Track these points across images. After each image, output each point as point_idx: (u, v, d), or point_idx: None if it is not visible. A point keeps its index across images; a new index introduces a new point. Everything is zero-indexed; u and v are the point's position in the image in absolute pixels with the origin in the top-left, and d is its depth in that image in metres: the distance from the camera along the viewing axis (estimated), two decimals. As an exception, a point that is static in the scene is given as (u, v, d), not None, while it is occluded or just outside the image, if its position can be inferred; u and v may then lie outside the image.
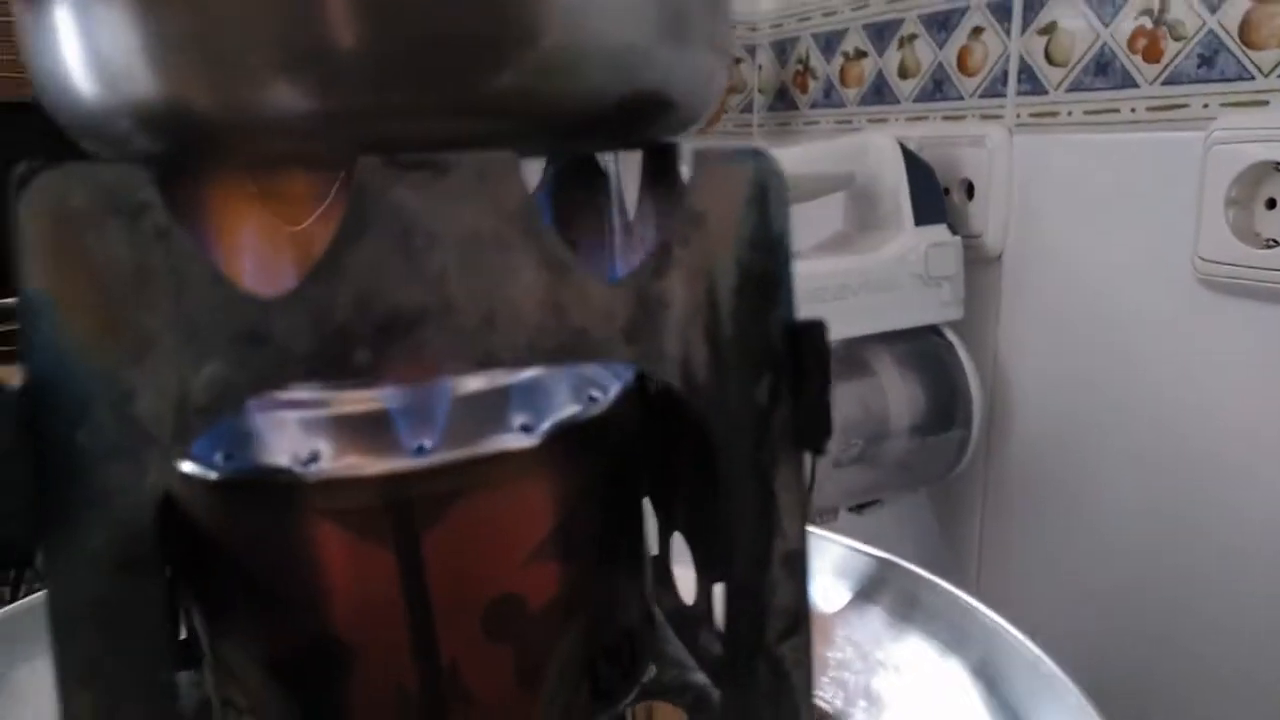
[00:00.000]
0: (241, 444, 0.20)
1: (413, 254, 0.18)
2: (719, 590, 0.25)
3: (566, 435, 0.21)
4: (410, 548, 0.20)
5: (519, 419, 0.21)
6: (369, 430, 0.20)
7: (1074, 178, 0.76)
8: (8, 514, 0.17)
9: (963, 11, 0.84)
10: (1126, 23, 0.72)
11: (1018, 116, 0.80)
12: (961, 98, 0.85)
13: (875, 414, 0.86)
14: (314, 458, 0.20)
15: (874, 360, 0.87)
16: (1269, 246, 0.65)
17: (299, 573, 0.20)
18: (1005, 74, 0.81)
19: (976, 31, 0.83)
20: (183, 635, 0.24)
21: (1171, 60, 0.69)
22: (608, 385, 0.23)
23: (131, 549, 0.17)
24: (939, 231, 0.84)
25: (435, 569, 0.20)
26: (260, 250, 0.20)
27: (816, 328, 0.20)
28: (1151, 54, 0.71)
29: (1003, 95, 0.82)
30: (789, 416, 0.20)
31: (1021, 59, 0.79)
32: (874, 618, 0.33)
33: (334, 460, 0.20)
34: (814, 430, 0.20)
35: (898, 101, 0.92)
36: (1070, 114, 0.76)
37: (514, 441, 0.21)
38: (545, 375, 0.22)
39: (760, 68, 1.09)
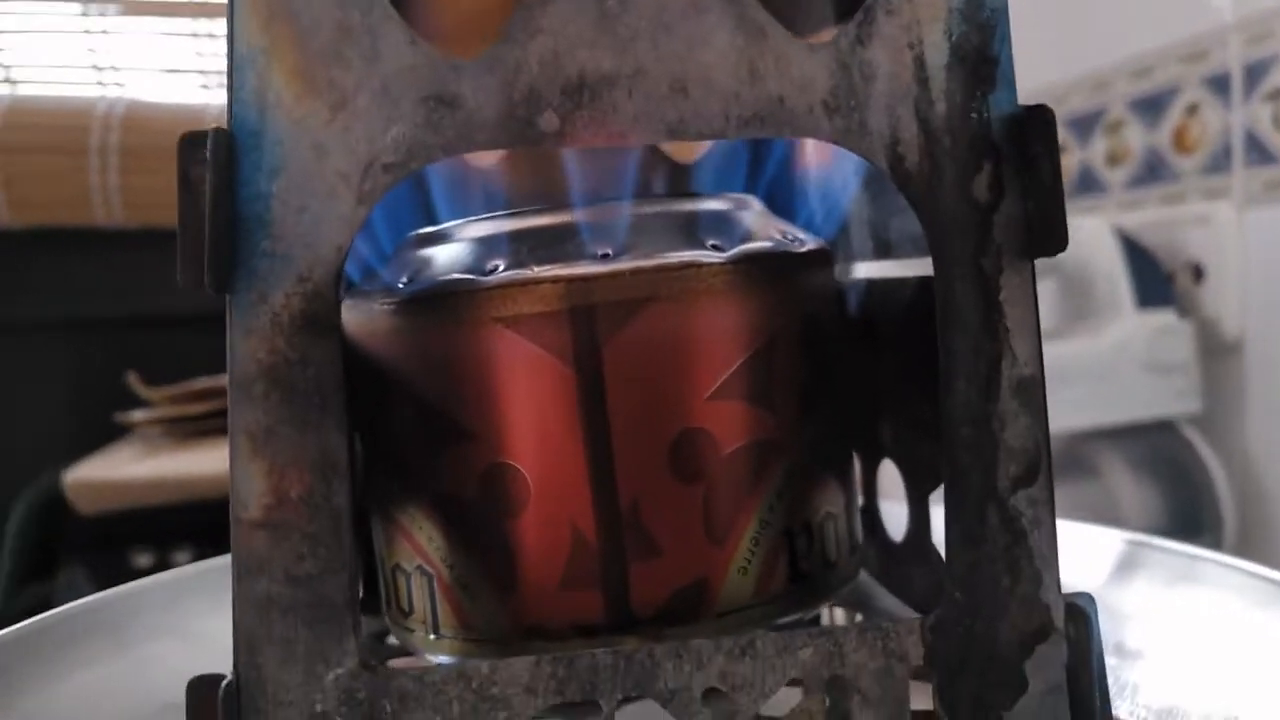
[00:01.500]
0: (423, 270, 0.20)
1: (605, 16, 0.17)
2: (936, 509, 0.22)
3: (760, 265, 0.20)
4: (592, 360, 0.19)
5: (710, 240, 0.20)
6: (551, 243, 0.19)
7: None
8: (217, 253, 0.16)
9: (1174, 92, 0.81)
10: (1369, 75, 0.66)
11: (1247, 191, 0.75)
12: (1179, 177, 0.81)
13: (1103, 521, 0.78)
14: (494, 269, 0.19)
15: (1100, 461, 0.80)
16: None
17: (476, 393, 0.19)
18: (1228, 148, 0.76)
19: (1192, 109, 0.79)
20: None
21: None
22: (804, 239, 0.21)
23: (313, 306, 0.17)
24: (1165, 316, 0.77)
25: (617, 388, 0.19)
26: (451, 14, 0.21)
27: (1043, 111, 0.18)
28: None
29: (1228, 170, 0.76)
30: (1015, 216, 0.18)
31: (1246, 130, 0.75)
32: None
33: (515, 270, 0.19)
34: (1046, 232, 0.18)
35: (1107, 190, 0.88)
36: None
37: (703, 257, 0.19)
38: (742, 210, 0.21)
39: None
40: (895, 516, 0.25)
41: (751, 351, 0.20)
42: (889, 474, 0.25)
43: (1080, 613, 0.18)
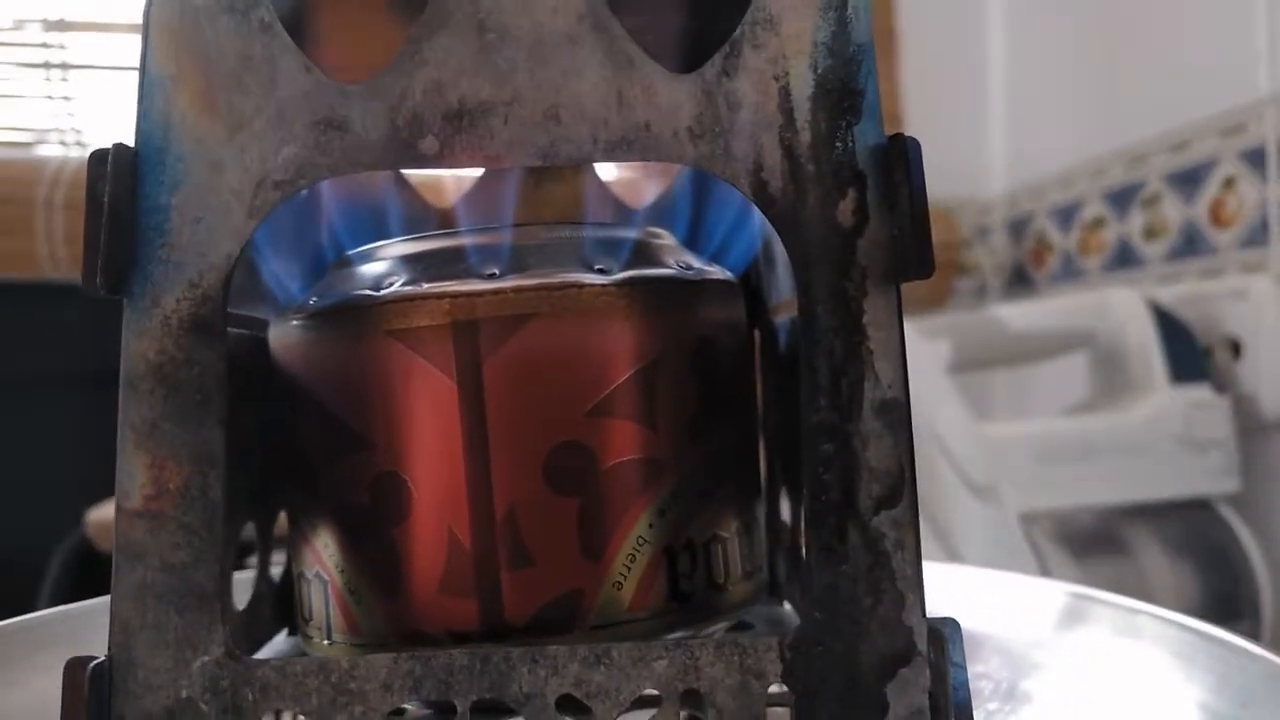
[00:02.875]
0: (331, 288, 0.21)
1: (485, 49, 0.19)
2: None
3: (644, 289, 0.21)
4: (473, 373, 0.20)
5: (597, 264, 0.21)
6: (444, 263, 0.20)
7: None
8: (113, 259, 0.18)
9: (1211, 165, 0.80)
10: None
11: (1286, 265, 0.73)
12: (1216, 251, 0.79)
13: (1138, 602, 0.75)
14: (389, 285, 0.20)
15: (1133, 539, 0.77)
16: None
17: (370, 403, 0.20)
18: (1265, 221, 0.75)
19: (1229, 183, 0.78)
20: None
21: None
22: (709, 271, 0.22)
23: (201, 311, 0.18)
24: (1200, 391, 0.75)
25: (496, 400, 0.20)
26: (344, 45, 0.22)
27: (904, 140, 0.18)
28: None
29: (1264, 244, 0.75)
30: (881, 242, 0.19)
31: (1283, 203, 0.73)
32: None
33: (407, 287, 0.20)
34: (910, 257, 0.18)
35: (1144, 264, 0.86)
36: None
37: (585, 278, 0.20)
38: (649, 240, 0.22)
39: (994, 251, 1.07)
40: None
41: (632, 371, 0.20)
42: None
43: (940, 636, 0.18)
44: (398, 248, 0.21)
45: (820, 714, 0.18)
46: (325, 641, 0.21)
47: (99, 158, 0.18)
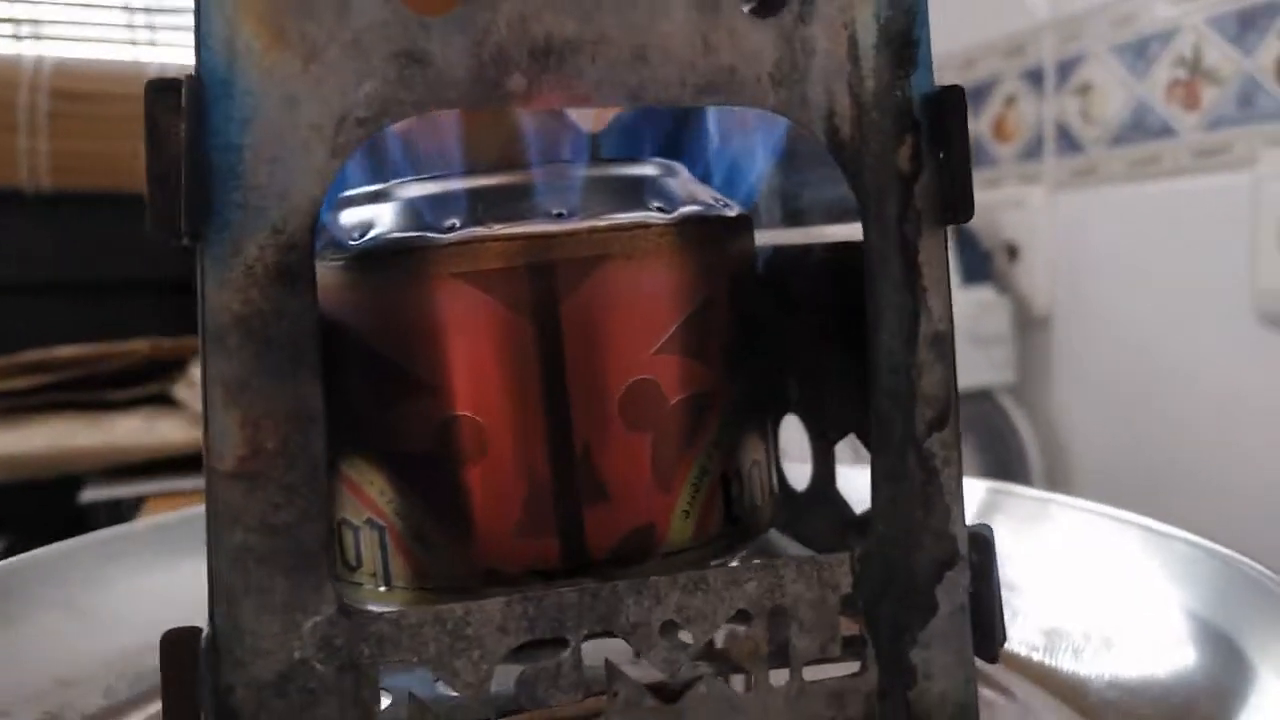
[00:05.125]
0: (373, 227, 0.20)
1: (569, -18, 0.18)
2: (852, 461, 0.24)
3: (699, 227, 0.21)
4: (550, 314, 0.20)
5: (654, 203, 0.21)
6: (505, 201, 0.20)
7: (1120, 232, 0.77)
8: (168, 202, 0.16)
9: (994, 84, 0.87)
10: (1161, 75, 0.74)
11: (1057, 177, 0.82)
12: (997, 163, 0.87)
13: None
14: (451, 227, 0.20)
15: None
16: (1327, 275, 0.64)
17: (433, 348, 0.20)
18: (1041, 136, 0.83)
19: (1010, 100, 0.86)
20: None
21: (1210, 106, 0.71)
22: (730, 205, 0.23)
23: (287, 258, 0.17)
24: (985, 292, 0.84)
25: (573, 340, 0.20)
26: None
27: (956, 93, 0.20)
28: (1190, 102, 0.73)
29: (1040, 158, 0.83)
30: (931, 186, 0.20)
31: (1057, 121, 0.82)
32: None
33: (473, 228, 0.20)
34: (958, 200, 0.20)
35: (935, 174, 0.94)
36: (1111, 168, 0.77)
37: (651, 218, 0.20)
38: (674, 176, 0.22)
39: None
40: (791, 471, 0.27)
41: (692, 308, 0.21)
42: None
43: (984, 541, 0.21)
44: (447, 182, 0.20)
45: (883, 618, 0.20)
46: (381, 588, 0.21)
47: (160, 87, 0.16)
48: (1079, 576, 0.28)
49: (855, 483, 0.25)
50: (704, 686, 0.19)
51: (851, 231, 0.23)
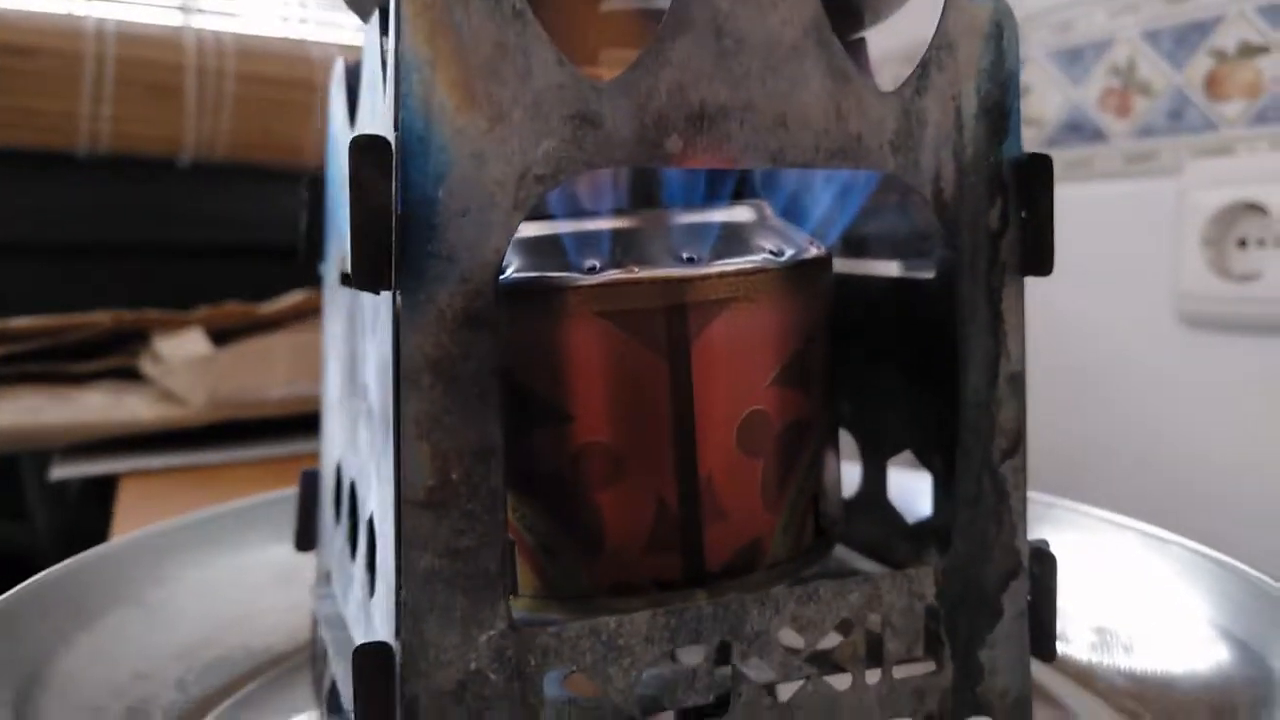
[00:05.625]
0: (521, 261, 0.22)
1: (723, 54, 0.20)
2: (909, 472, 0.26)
3: (807, 270, 0.23)
4: (682, 353, 0.21)
5: (767, 246, 0.23)
6: (641, 243, 0.22)
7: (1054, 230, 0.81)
8: (378, 255, 0.18)
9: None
10: (1096, 83, 0.79)
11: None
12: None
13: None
14: (594, 268, 0.21)
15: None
16: (1243, 281, 0.70)
17: (573, 379, 0.21)
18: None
19: (953, 99, 0.89)
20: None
21: (1141, 115, 0.76)
22: (801, 248, 0.25)
23: (474, 305, 0.18)
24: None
25: (700, 376, 0.22)
26: (588, 40, 0.22)
27: (1044, 160, 0.22)
28: (1122, 110, 0.78)
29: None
30: (1014, 241, 0.23)
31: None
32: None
33: (616, 270, 0.21)
34: (1039, 255, 0.22)
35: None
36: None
37: (769, 263, 0.22)
38: (771, 220, 0.24)
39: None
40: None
41: (798, 344, 0.23)
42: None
43: (1045, 555, 0.23)
44: (584, 223, 0.22)
45: (960, 622, 0.23)
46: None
47: (364, 146, 0.18)
48: (1085, 578, 0.32)
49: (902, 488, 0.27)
50: (811, 686, 0.22)
51: (908, 268, 0.26)
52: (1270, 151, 0.69)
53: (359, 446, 0.23)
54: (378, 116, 0.20)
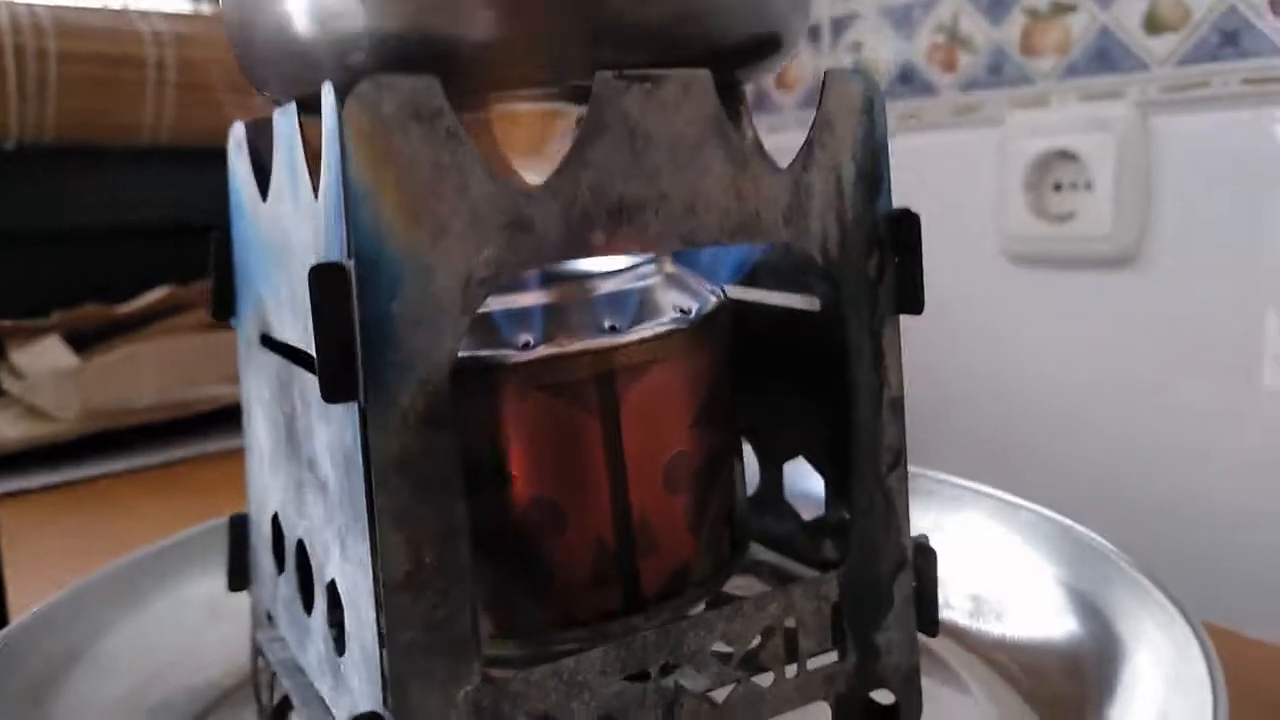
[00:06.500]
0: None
1: (636, 153, 0.22)
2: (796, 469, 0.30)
3: (711, 321, 0.26)
4: (611, 412, 0.24)
5: (677, 305, 0.25)
6: (568, 316, 0.24)
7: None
8: (343, 373, 0.19)
9: (778, 35, 0.94)
10: (924, 39, 0.84)
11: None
12: (781, 110, 0.95)
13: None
14: (528, 344, 0.23)
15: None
16: (1059, 222, 0.77)
17: (515, 443, 0.23)
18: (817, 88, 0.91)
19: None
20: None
21: (965, 69, 0.82)
22: (704, 301, 0.27)
23: (433, 405, 0.20)
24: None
25: (628, 430, 0.24)
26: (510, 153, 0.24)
27: (911, 215, 0.25)
28: (948, 65, 0.83)
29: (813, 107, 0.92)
30: (890, 287, 0.26)
31: (835, 75, 0.90)
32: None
33: (545, 344, 0.23)
34: (911, 297, 0.26)
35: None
36: (883, 121, 0.87)
37: (679, 323, 0.25)
38: (670, 273, 0.27)
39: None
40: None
41: (709, 386, 0.26)
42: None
43: (928, 549, 0.27)
44: (513, 299, 0.24)
45: (859, 614, 0.27)
46: (464, 638, 0.25)
47: (323, 272, 0.19)
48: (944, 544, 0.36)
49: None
50: (741, 687, 0.25)
51: (791, 298, 0.29)
52: (1079, 103, 0.76)
53: (308, 512, 0.25)
54: (301, 204, 0.22)
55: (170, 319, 0.68)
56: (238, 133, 0.28)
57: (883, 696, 0.27)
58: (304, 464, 0.25)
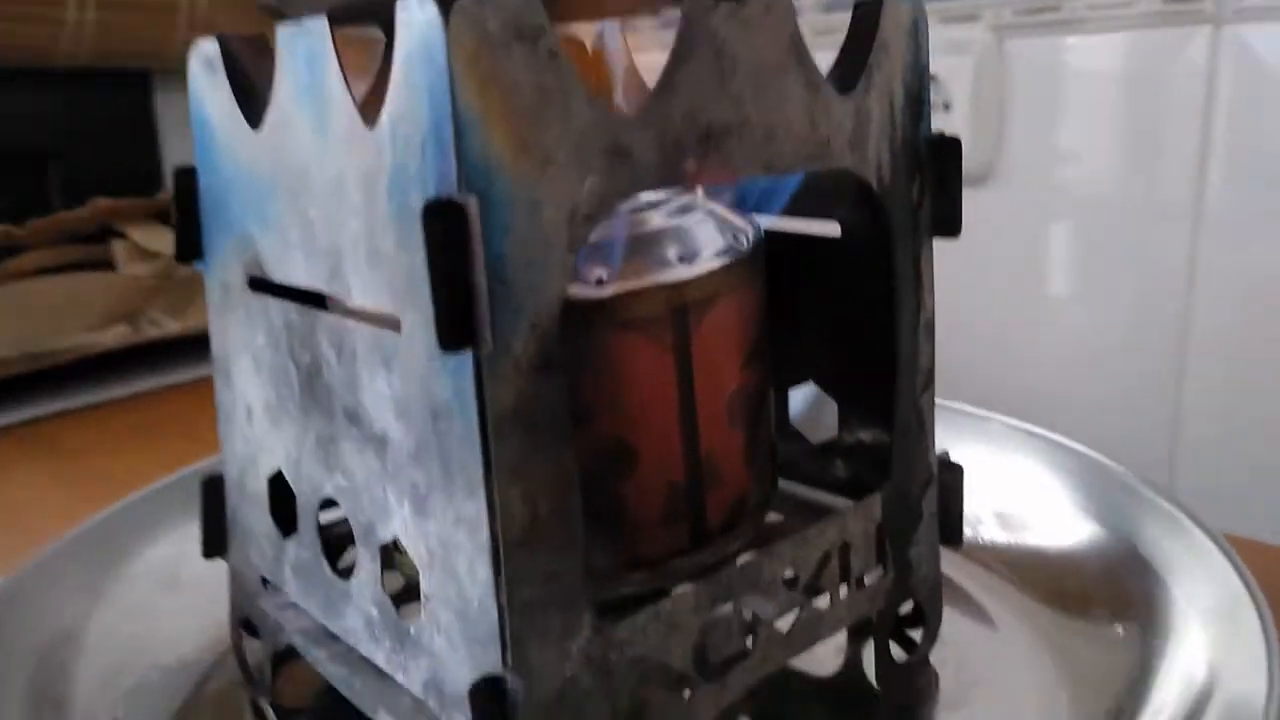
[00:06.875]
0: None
1: (723, 76, 0.21)
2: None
3: (757, 252, 0.25)
4: (684, 346, 0.23)
5: (729, 234, 0.25)
6: (639, 250, 0.23)
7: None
8: (465, 319, 0.18)
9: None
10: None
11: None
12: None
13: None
14: (600, 279, 0.22)
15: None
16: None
17: (591, 379, 0.22)
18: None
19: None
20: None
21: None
22: (748, 232, 0.27)
23: (545, 349, 0.19)
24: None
25: (700, 367, 0.24)
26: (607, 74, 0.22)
27: (952, 140, 0.26)
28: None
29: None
30: (928, 209, 0.26)
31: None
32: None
33: (619, 280, 0.22)
34: (950, 219, 0.26)
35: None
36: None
37: (739, 254, 0.24)
38: (706, 217, 0.26)
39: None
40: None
41: (759, 316, 0.25)
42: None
43: (954, 465, 0.28)
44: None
45: (894, 525, 0.27)
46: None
47: (434, 210, 0.17)
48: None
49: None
50: (805, 613, 0.25)
51: (810, 226, 0.29)
52: (939, 25, 0.78)
53: (344, 468, 0.23)
54: (333, 134, 0.20)
55: (7, 262, 0.61)
56: (206, 51, 0.25)
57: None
58: (338, 417, 0.23)
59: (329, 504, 0.24)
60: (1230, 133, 0.60)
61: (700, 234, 0.24)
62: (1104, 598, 0.31)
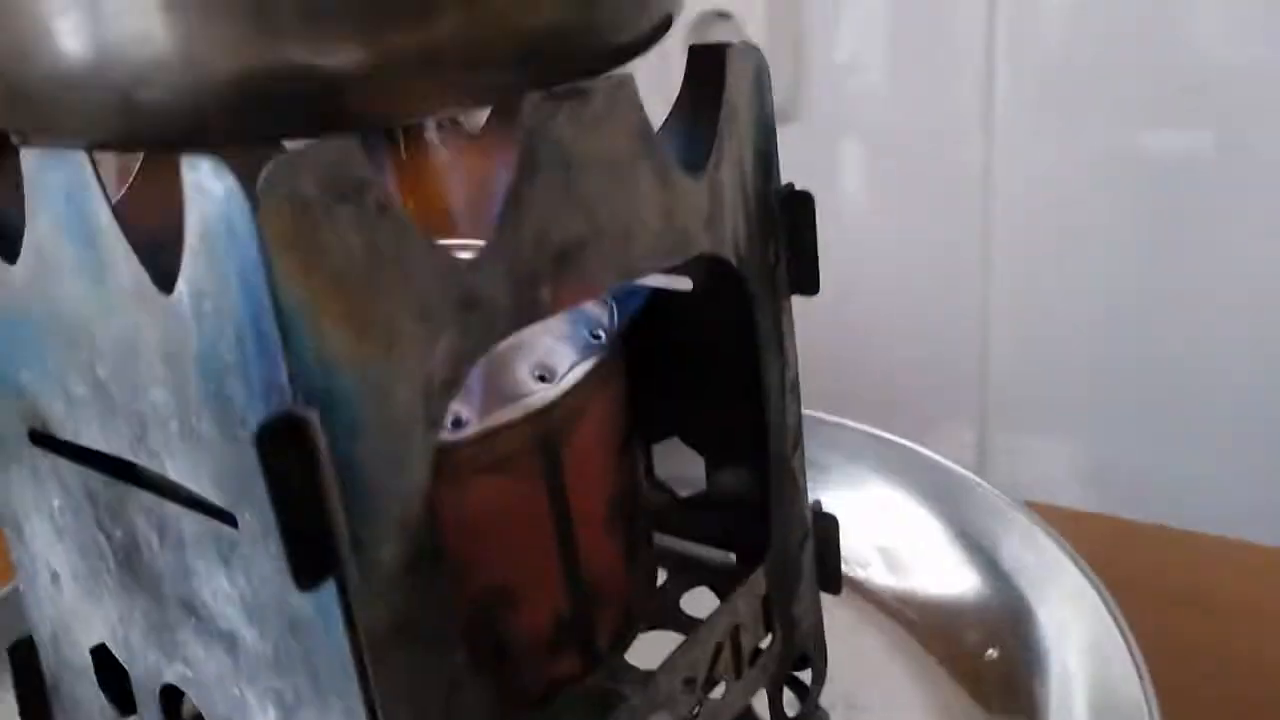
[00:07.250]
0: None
1: (571, 185, 0.18)
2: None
3: (614, 344, 0.23)
4: (556, 476, 0.21)
5: (590, 332, 0.22)
6: (488, 378, 0.20)
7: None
8: (323, 550, 0.15)
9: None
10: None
11: None
12: None
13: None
14: (458, 420, 0.19)
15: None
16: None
17: (461, 531, 0.20)
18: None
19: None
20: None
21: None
22: (603, 317, 0.24)
23: (417, 546, 0.16)
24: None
25: (573, 488, 0.21)
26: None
27: (805, 196, 0.24)
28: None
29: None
30: (785, 270, 0.25)
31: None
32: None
33: (478, 418, 0.20)
34: (808, 277, 0.25)
35: None
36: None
37: (601, 362, 0.22)
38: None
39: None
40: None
41: (625, 413, 0.23)
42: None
43: (828, 515, 0.28)
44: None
45: (776, 582, 0.26)
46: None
47: (270, 432, 0.14)
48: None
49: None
50: (702, 710, 0.24)
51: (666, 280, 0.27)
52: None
53: (186, 658, 0.20)
54: (114, 287, 0.17)
55: None
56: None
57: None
58: (170, 605, 0.19)
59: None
60: (1011, 39, 0.60)
61: (554, 342, 0.22)
62: (973, 621, 0.32)
